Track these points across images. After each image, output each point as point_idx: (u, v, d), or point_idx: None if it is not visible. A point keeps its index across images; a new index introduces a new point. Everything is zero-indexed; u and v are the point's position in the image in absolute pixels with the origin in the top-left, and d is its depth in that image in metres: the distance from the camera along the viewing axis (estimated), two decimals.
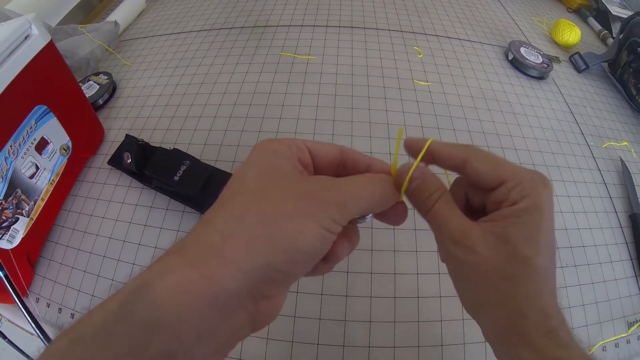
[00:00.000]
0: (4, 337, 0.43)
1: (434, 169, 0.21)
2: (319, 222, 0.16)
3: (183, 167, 0.42)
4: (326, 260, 0.19)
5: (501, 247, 0.17)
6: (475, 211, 0.20)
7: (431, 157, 0.20)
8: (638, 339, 0.42)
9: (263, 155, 0.18)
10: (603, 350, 0.40)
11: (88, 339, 0.13)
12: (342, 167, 0.20)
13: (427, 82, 0.58)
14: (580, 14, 0.86)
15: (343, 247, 0.19)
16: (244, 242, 0.15)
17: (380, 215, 0.20)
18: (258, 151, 0.18)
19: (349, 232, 0.19)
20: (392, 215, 0.20)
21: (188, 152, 0.44)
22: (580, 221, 0.47)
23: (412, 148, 0.20)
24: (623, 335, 0.41)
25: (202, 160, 0.44)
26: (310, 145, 0.19)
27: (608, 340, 0.40)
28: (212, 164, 0.45)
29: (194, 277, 0.14)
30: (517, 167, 0.18)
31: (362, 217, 0.20)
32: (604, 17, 0.83)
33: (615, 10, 0.80)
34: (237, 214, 0.16)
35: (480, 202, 0.20)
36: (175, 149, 0.45)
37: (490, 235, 0.17)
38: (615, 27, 0.79)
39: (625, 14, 0.79)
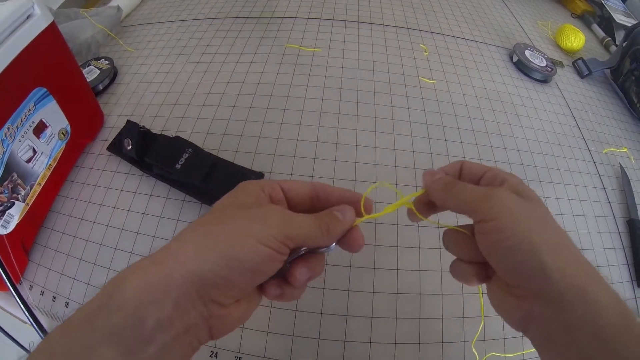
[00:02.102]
0: None
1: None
2: (258, 237, 0.19)
3: (185, 156, 0.42)
4: (289, 284, 0.21)
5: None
6: None
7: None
8: None
9: (235, 192, 0.22)
10: None
11: (77, 324, 0.17)
12: (316, 200, 0.23)
13: (433, 79, 0.58)
14: (584, 19, 0.87)
15: (301, 271, 0.21)
16: (193, 249, 0.18)
17: (340, 243, 0.23)
18: (234, 189, 0.22)
19: (309, 260, 0.22)
20: (348, 243, 0.22)
21: (190, 141, 0.44)
22: (579, 224, 0.48)
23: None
24: None
25: (204, 149, 0.44)
26: (283, 184, 0.23)
27: None
28: (214, 153, 0.44)
29: (154, 273, 0.18)
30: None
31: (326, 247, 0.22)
32: (608, 24, 0.83)
33: (619, 18, 0.80)
34: (195, 228, 0.20)
35: None
36: (177, 137, 0.44)
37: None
38: (619, 35, 0.80)
39: (629, 22, 0.80)
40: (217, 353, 0.35)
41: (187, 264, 0.18)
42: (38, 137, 0.41)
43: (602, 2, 0.84)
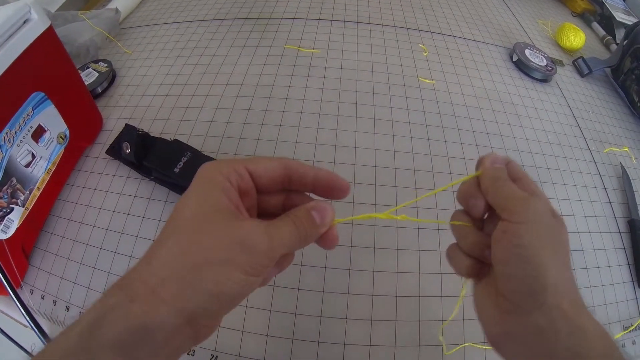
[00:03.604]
0: None
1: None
2: (245, 269, 0.18)
3: (184, 159, 0.42)
4: None
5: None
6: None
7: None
8: (633, 343, 0.43)
9: (201, 189, 0.20)
10: None
11: None
12: (288, 181, 0.22)
13: (432, 80, 0.57)
14: (584, 18, 0.86)
15: (270, 271, 0.21)
16: (175, 287, 0.17)
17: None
18: (198, 182, 0.20)
19: (279, 260, 0.21)
20: (323, 242, 0.22)
21: (189, 144, 0.44)
22: (580, 225, 0.48)
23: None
24: (617, 336, 0.42)
25: (203, 153, 0.43)
26: (252, 168, 0.21)
27: None
28: (213, 156, 0.44)
29: (135, 313, 0.17)
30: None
31: None
32: (608, 23, 0.83)
33: (619, 16, 0.80)
34: (172, 258, 0.18)
35: None
36: (176, 140, 0.44)
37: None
38: (619, 33, 0.79)
39: (629, 20, 0.79)
40: (217, 357, 0.35)
41: (172, 302, 0.17)
42: (37, 142, 0.41)
43: (603, 0, 0.84)
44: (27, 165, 0.40)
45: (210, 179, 0.20)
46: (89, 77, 0.55)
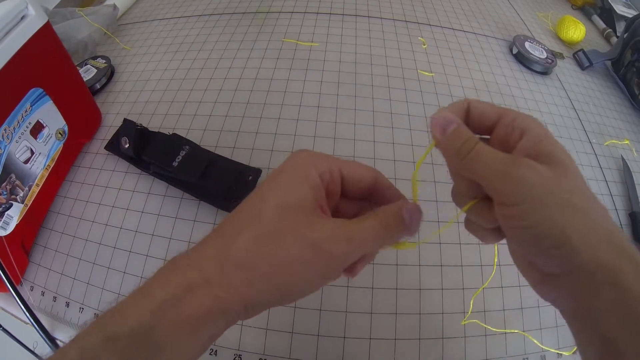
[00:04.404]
0: None
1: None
2: (319, 271, 0.19)
3: (182, 153, 0.42)
4: None
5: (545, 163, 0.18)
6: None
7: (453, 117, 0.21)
8: None
9: (291, 180, 0.19)
10: None
11: (124, 339, 0.17)
12: (369, 193, 0.22)
13: (432, 72, 0.57)
14: (584, 11, 0.85)
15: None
16: (249, 276, 0.18)
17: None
18: (290, 171, 0.20)
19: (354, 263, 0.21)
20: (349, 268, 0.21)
21: (188, 138, 0.43)
22: None
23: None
24: None
25: (202, 146, 0.43)
26: (345, 171, 0.21)
27: None
28: (212, 149, 0.44)
29: (214, 298, 0.18)
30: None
31: None
32: (609, 16, 0.82)
33: (620, 9, 0.79)
34: (250, 247, 0.18)
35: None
36: (174, 134, 0.44)
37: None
38: (620, 26, 0.79)
39: (629, 13, 0.79)
40: (216, 351, 0.35)
41: (241, 290, 0.18)
42: (35, 138, 0.41)
43: None
44: (26, 162, 0.40)
45: (303, 171, 0.20)
46: (87, 73, 0.55)
